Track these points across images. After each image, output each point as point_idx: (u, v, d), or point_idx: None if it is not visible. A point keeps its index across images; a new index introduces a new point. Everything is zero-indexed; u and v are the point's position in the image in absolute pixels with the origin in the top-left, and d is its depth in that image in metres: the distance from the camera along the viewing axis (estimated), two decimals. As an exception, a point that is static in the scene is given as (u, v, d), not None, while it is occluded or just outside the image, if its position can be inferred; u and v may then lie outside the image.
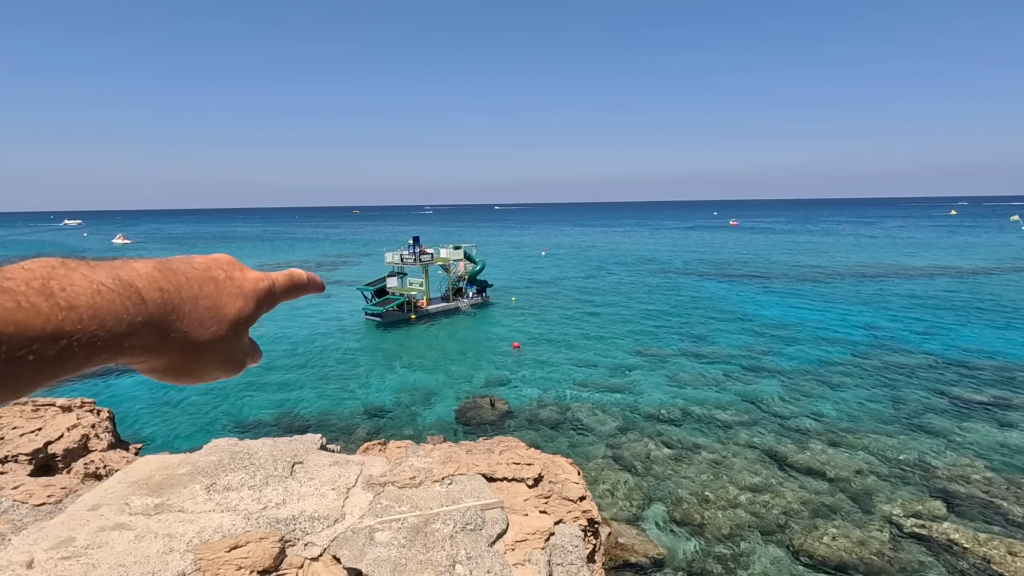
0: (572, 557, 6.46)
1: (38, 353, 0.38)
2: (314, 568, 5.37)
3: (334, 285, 50.51)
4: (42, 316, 0.39)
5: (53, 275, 0.42)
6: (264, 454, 7.27)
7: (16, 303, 0.38)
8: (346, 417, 19.58)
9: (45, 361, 0.39)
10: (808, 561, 11.24)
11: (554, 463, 8.68)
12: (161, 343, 0.51)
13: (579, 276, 54.84)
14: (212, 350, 0.57)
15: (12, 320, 0.37)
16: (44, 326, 0.39)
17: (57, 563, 4.93)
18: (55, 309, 0.40)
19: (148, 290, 0.49)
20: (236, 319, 0.59)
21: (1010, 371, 22.75)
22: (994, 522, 12.38)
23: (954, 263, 57.93)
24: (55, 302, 0.40)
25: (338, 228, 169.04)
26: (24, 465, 7.91)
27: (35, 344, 0.38)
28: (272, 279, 0.66)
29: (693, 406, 19.80)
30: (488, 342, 29.87)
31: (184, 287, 0.54)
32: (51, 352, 0.39)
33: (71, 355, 0.41)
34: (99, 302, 0.43)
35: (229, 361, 0.61)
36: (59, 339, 0.40)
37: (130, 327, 0.46)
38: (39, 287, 0.40)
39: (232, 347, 0.60)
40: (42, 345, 0.38)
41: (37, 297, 0.39)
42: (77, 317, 0.41)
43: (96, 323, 0.43)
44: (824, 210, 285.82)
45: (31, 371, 0.39)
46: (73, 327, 0.41)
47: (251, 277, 0.63)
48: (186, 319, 0.53)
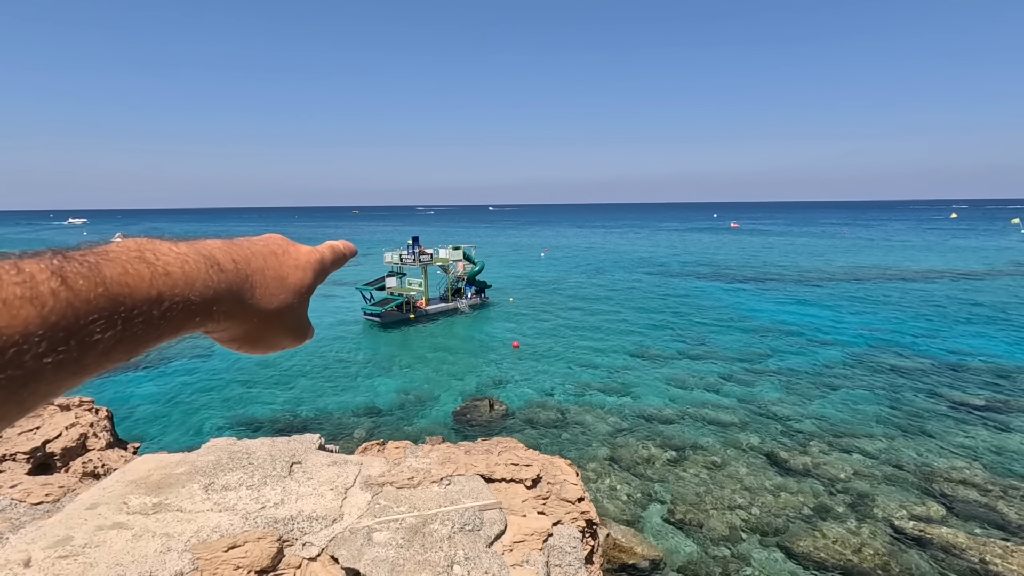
0: (570, 558, 6.46)
1: (146, 314, 0.43)
2: (312, 568, 5.37)
3: (334, 285, 50.51)
4: (146, 281, 0.44)
5: (146, 246, 0.47)
6: (262, 454, 7.27)
7: (124, 269, 0.42)
8: (344, 417, 19.57)
9: (152, 322, 0.44)
10: (806, 563, 11.25)
11: (552, 464, 8.68)
12: (240, 309, 0.56)
13: (578, 277, 54.86)
14: (282, 317, 0.63)
15: (124, 283, 0.42)
16: (149, 290, 0.44)
17: (55, 562, 4.92)
18: (156, 274, 0.45)
19: (225, 261, 0.56)
20: (299, 288, 0.66)
21: (1009, 374, 22.78)
22: (992, 524, 12.40)
23: (955, 266, 58.01)
24: (155, 269, 0.45)
25: (338, 228, 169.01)
26: (22, 463, 7.90)
27: (144, 305, 0.43)
28: (321, 252, 0.74)
29: (691, 408, 19.81)
30: (487, 343, 29.87)
31: (252, 259, 0.61)
32: (156, 313, 0.44)
33: (172, 317, 0.46)
34: (189, 270, 0.49)
35: (296, 329, 0.67)
36: (162, 302, 0.45)
37: (216, 293, 0.52)
38: (138, 256, 0.45)
39: (298, 314, 0.67)
40: (148, 307, 0.43)
41: (140, 264, 0.44)
42: (173, 282, 0.46)
43: (189, 288, 0.48)
44: (823, 212, 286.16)
45: (142, 331, 0.43)
46: (171, 291, 0.46)
47: (304, 251, 0.71)
48: (258, 288, 0.59)
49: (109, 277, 0.41)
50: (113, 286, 0.40)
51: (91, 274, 0.39)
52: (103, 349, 0.39)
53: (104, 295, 0.39)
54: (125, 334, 0.41)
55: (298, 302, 0.65)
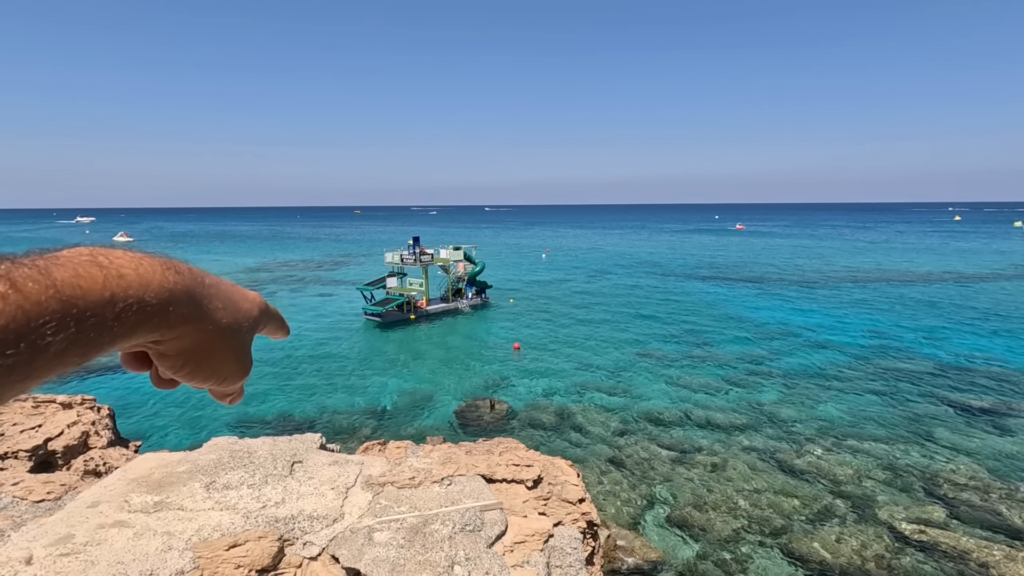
0: (571, 559, 6.45)
1: (100, 316, 0.43)
2: (312, 567, 5.37)
3: (334, 285, 50.55)
4: (99, 283, 0.44)
5: (98, 251, 0.48)
6: (264, 453, 7.27)
7: (76, 272, 0.43)
8: (346, 417, 19.58)
9: (105, 324, 0.44)
10: (807, 565, 11.22)
11: (553, 465, 8.68)
12: (197, 315, 0.57)
13: (579, 278, 54.83)
14: (235, 334, 0.64)
15: (76, 285, 0.42)
16: (102, 291, 0.44)
17: (56, 560, 4.93)
18: (109, 276, 0.46)
19: (181, 267, 0.56)
20: (247, 315, 0.67)
21: (1011, 377, 22.72)
22: (994, 528, 12.36)
23: (957, 268, 57.92)
24: (107, 271, 0.46)
25: (339, 228, 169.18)
26: (24, 461, 7.91)
27: (97, 307, 0.43)
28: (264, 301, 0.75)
29: (693, 409, 19.78)
30: (488, 343, 29.87)
31: (206, 277, 0.61)
32: (110, 315, 0.45)
33: (126, 319, 0.46)
34: (143, 271, 0.49)
35: (242, 358, 0.67)
36: (116, 303, 0.45)
37: (172, 295, 0.52)
38: (89, 260, 0.46)
39: (246, 340, 0.67)
40: (102, 308, 0.44)
41: (92, 267, 0.45)
42: (127, 284, 0.47)
43: (144, 289, 0.49)
44: (825, 214, 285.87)
45: (95, 333, 0.43)
46: (125, 292, 0.46)
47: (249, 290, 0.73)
48: (213, 300, 0.60)
49: (60, 280, 0.41)
50: (64, 288, 0.41)
51: (41, 277, 0.39)
52: (55, 352, 0.40)
53: (55, 297, 0.39)
54: (78, 337, 0.41)
55: (247, 327, 0.67)
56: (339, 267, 65.12)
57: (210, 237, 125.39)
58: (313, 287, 49.75)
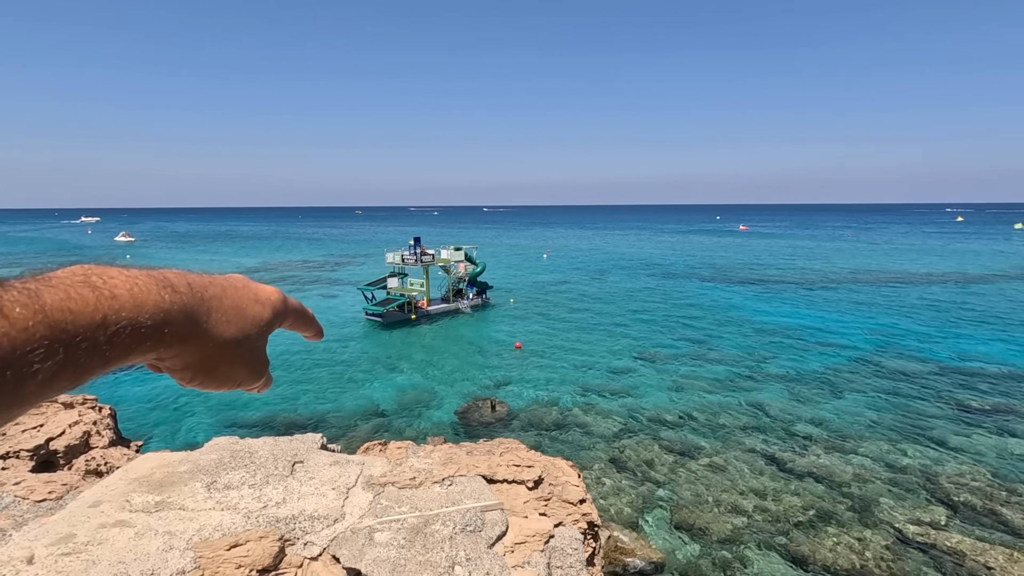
0: (571, 560, 6.44)
1: (91, 340, 0.42)
2: (313, 567, 5.37)
3: (335, 285, 50.58)
4: (90, 305, 0.43)
5: (92, 271, 0.47)
6: (265, 453, 7.27)
7: (67, 294, 0.42)
8: (347, 417, 19.59)
9: (97, 348, 0.43)
10: (808, 566, 11.20)
11: (554, 465, 8.67)
12: (195, 333, 0.55)
13: (580, 279, 54.81)
14: (238, 346, 0.62)
15: (66, 308, 0.41)
16: (93, 314, 0.43)
17: (57, 559, 4.94)
18: (102, 298, 0.44)
19: (179, 283, 0.54)
20: (256, 320, 0.65)
21: (1014, 379, 22.68)
22: (996, 529, 12.33)
23: (959, 269, 57.82)
24: (100, 292, 0.45)
25: (340, 228, 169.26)
26: (25, 461, 7.93)
27: (88, 331, 0.42)
28: (285, 296, 0.72)
29: (694, 410, 19.76)
30: (488, 343, 29.86)
31: (208, 287, 0.59)
32: (102, 339, 0.43)
33: (119, 342, 0.45)
34: (137, 291, 0.48)
35: (253, 362, 0.66)
36: (108, 326, 0.44)
37: (167, 315, 0.51)
38: (83, 280, 0.44)
39: (256, 347, 0.66)
40: (93, 332, 0.43)
41: (84, 288, 0.44)
42: (120, 305, 0.46)
43: (138, 311, 0.47)
44: (826, 215, 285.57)
45: (86, 358, 0.42)
46: (118, 314, 0.45)
47: (266, 289, 0.70)
48: (214, 314, 0.58)
49: (50, 304, 0.40)
50: (53, 312, 0.40)
51: (29, 302, 0.38)
52: (43, 379, 0.39)
53: (43, 322, 0.38)
54: (68, 362, 0.40)
55: (256, 334, 0.64)
56: (340, 267, 65.17)
57: (212, 237, 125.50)
58: (314, 287, 49.80)
